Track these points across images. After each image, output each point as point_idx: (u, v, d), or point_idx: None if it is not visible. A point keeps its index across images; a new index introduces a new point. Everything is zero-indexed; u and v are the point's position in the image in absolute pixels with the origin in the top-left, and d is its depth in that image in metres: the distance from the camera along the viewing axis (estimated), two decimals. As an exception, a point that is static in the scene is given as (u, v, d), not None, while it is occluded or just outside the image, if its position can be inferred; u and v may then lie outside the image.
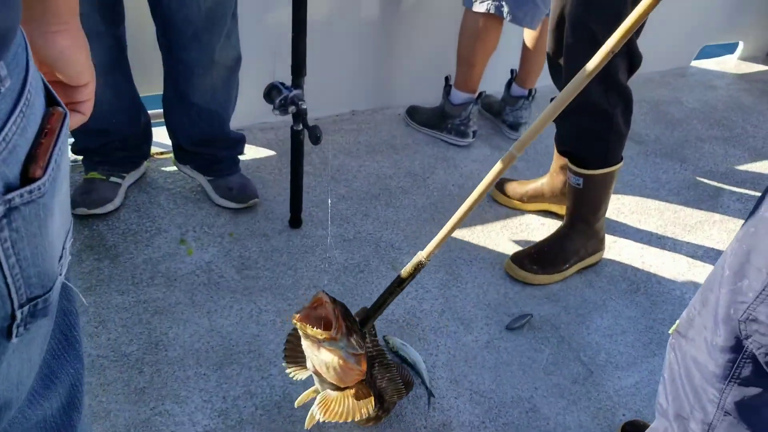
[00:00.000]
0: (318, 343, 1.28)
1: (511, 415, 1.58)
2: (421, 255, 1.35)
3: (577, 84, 1.22)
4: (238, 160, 2.15)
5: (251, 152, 2.41)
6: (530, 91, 2.68)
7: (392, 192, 2.31)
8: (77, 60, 0.63)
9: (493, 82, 2.77)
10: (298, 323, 1.26)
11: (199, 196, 2.13)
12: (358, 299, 1.85)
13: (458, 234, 2.15)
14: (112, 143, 1.99)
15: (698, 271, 2.12)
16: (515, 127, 2.72)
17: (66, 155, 0.56)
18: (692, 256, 2.18)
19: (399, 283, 1.38)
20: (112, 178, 2.03)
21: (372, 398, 1.38)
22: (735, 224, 2.37)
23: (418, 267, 1.36)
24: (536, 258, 1.99)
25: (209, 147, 2.05)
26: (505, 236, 2.18)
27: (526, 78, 2.69)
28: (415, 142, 2.62)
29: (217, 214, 2.08)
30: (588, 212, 1.99)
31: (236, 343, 1.67)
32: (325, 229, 2.09)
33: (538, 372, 1.71)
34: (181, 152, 2.10)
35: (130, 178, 2.09)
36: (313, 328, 1.26)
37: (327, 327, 1.28)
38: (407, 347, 1.69)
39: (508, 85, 2.75)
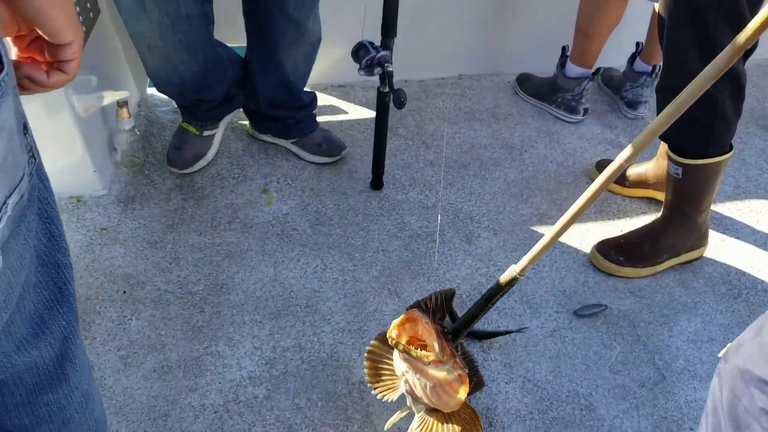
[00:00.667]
0: (421, 366, 1.18)
1: (563, 410, 1.49)
2: (514, 270, 1.23)
3: (692, 92, 1.01)
4: (315, 115, 2.14)
5: (350, 110, 2.40)
6: (654, 67, 2.46)
7: (483, 162, 2.22)
8: (54, 18, 0.63)
9: (618, 55, 2.58)
10: (401, 345, 1.16)
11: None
12: (424, 268, 1.80)
13: (545, 212, 2.03)
14: (207, 104, 2.00)
15: (818, 285, 1.87)
16: (634, 105, 2.51)
17: (8, 112, 0.55)
18: (814, 268, 1.93)
19: (488, 299, 1.26)
20: (206, 132, 2.05)
21: (480, 423, 1.29)
22: None
23: (512, 282, 1.23)
24: (624, 248, 1.84)
25: (288, 110, 2.06)
26: (598, 222, 2.03)
27: (653, 53, 2.46)
28: (520, 113, 2.49)
29: (303, 167, 2.10)
30: (687, 204, 1.80)
31: (296, 296, 1.69)
32: (406, 193, 2.05)
33: (603, 369, 1.59)
34: (260, 120, 2.11)
35: (224, 122, 2.13)
36: (418, 350, 1.17)
37: (422, 345, 1.20)
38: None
39: (632, 59, 2.54)
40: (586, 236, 1.96)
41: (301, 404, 1.45)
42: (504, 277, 1.23)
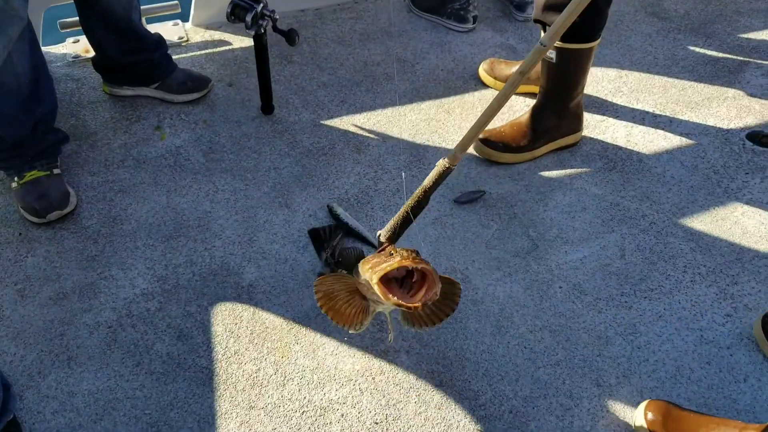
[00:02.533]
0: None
1: (440, 286, 1.58)
2: (444, 162, 1.29)
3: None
4: (171, 56, 2.13)
5: (243, 42, 2.43)
6: (537, -33, 2.50)
7: (376, 78, 2.28)
8: None
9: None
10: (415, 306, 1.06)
11: (182, 86, 2.20)
12: (315, 179, 1.88)
13: (433, 116, 2.10)
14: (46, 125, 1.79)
15: (689, 150, 1.97)
16: (522, 7, 2.57)
17: None
18: (687, 135, 2.03)
19: (427, 192, 1.32)
20: (55, 171, 1.79)
21: (454, 281, 1.23)
22: (750, 101, 2.16)
23: (446, 173, 1.30)
24: (504, 136, 1.92)
25: (143, 53, 2.03)
26: (484, 118, 2.10)
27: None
28: (414, 29, 2.54)
29: (196, 102, 2.14)
30: (562, 89, 1.88)
31: (188, 218, 1.76)
32: (299, 114, 2.11)
33: (479, 246, 1.68)
34: (116, 72, 2.08)
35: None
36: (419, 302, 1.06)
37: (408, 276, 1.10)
38: (347, 216, 1.71)
39: (517, -38, 2.59)
40: (471, 133, 2.03)
41: (192, 311, 1.53)
42: (436, 170, 1.30)
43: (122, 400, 1.36)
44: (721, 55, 2.37)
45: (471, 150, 1.96)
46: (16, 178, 1.76)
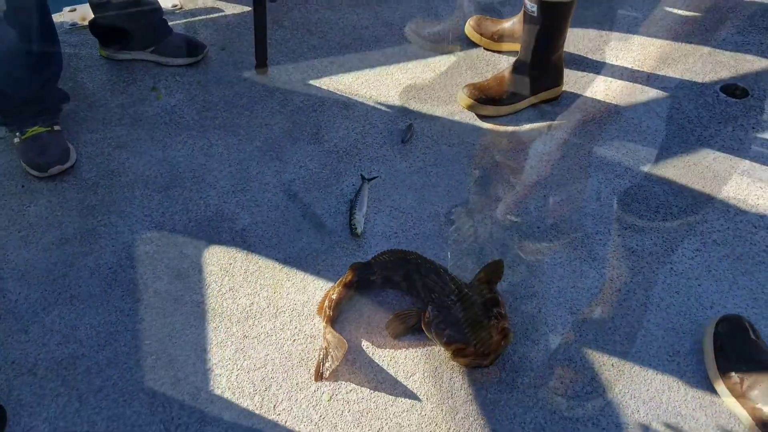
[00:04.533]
0: None
1: (425, 227, 1.67)
2: None
3: None
4: (167, 21, 2.20)
5: (234, 9, 2.50)
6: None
7: (365, 41, 2.35)
8: None
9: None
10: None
11: (176, 50, 2.27)
12: (305, 134, 1.95)
13: (420, 75, 2.17)
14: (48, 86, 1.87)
15: (665, 102, 2.05)
16: (507, -28, 2.63)
17: None
18: (664, 88, 2.10)
19: None
20: (56, 127, 1.86)
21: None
22: (725, 56, 2.23)
23: None
24: (487, 89, 1.99)
25: (141, 18, 2.09)
26: (469, 75, 2.18)
27: None
28: (401, -6, 2.61)
29: (190, 65, 2.21)
30: (542, 43, 1.95)
31: (183, 170, 1.83)
32: (290, 75, 2.18)
33: (462, 192, 1.76)
34: (113, 36, 2.13)
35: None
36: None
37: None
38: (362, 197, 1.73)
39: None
40: (457, 90, 2.10)
41: (189, 252, 1.61)
42: None
43: (122, 333, 1.44)
44: (698, 14, 2.44)
45: (456, 102, 2.04)
46: (18, 134, 1.83)
